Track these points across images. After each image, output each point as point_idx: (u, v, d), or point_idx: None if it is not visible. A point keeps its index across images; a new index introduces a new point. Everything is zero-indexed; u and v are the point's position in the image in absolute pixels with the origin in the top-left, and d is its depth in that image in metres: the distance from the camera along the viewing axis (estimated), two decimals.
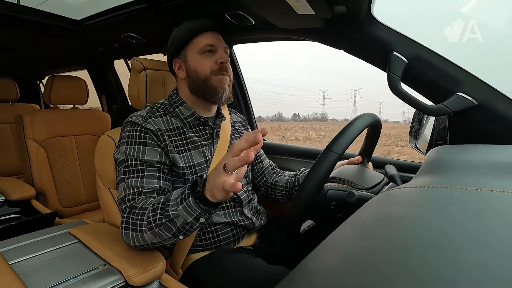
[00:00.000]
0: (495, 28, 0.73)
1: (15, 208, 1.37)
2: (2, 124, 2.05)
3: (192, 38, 0.85)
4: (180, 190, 0.63)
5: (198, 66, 0.84)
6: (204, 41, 0.84)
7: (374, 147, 0.90)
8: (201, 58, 0.84)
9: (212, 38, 0.85)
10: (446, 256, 0.26)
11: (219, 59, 0.83)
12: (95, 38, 1.57)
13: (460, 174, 0.46)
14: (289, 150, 1.43)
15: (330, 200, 0.71)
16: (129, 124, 0.81)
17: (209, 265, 0.80)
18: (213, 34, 0.86)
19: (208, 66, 0.83)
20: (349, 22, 0.76)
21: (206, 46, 0.84)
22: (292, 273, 0.31)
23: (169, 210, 0.62)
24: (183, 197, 0.61)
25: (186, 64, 0.86)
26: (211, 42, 0.84)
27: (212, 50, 0.85)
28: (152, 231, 0.65)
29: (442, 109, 0.67)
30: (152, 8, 1.09)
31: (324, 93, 24.93)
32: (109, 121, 1.78)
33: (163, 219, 0.63)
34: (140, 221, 0.66)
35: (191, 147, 0.84)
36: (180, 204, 0.61)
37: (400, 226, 0.33)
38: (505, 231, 0.29)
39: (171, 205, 0.62)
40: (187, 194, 0.60)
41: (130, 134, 0.79)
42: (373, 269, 0.27)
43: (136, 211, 0.67)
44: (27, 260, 0.70)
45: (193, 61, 0.85)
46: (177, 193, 0.63)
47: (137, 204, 0.69)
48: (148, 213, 0.65)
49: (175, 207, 0.61)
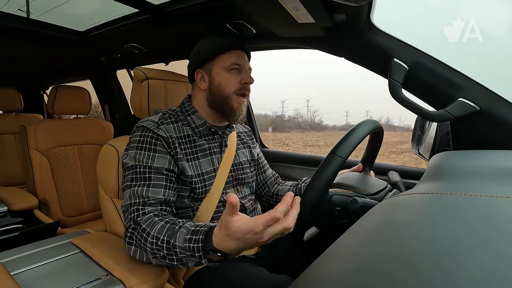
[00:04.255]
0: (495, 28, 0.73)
1: (17, 218, 1.37)
2: (5, 134, 2.06)
3: (221, 54, 0.86)
4: (187, 241, 0.61)
5: (223, 82, 0.85)
6: (232, 59, 0.85)
7: (376, 155, 0.90)
8: (226, 74, 0.85)
9: (240, 57, 0.86)
10: (452, 262, 0.26)
11: (244, 80, 0.84)
12: (99, 48, 1.60)
13: (464, 180, 0.46)
14: (290, 158, 1.43)
15: (334, 205, 0.71)
16: (140, 128, 0.80)
17: (212, 275, 0.79)
18: (240, 53, 0.87)
19: (233, 84, 0.84)
20: (349, 30, 0.77)
21: (233, 64, 0.85)
22: (296, 282, 0.31)
23: (178, 256, 0.62)
24: (194, 255, 0.60)
25: (210, 77, 0.86)
26: (238, 62, 0.85)
27: (238, 69, 0.85)
28: (159, 260, 0.66)
29: (444, 115, 0.67)
30: (154, 18, 1.11)
31: (283, 102, 25.78)
32: (112, 130, 1.79)
33: (174, 261, 0.63)
34: (144, 245, 0.66)
35: (200, 155, 0.84)
36: (192, 258, 0.61)
37: (405, 233, 0.33)
38: (510, 237, 0.29)
39: (180, 252, 0.62)
40: (199, 257, 0.60)
41: (141, 139, 0.78)
42: (378, 277, 0.26)
43: (140, 231, 0.67)
44: (29, 271, 0.69)
45: (218, 76, 0.85)
46: (183, 243, 0.62)
47: (142, 222, 0.68)
48: (151, 244, 0.64)
49: (184, 255, 0.62)
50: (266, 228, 0.54)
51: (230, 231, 0.55)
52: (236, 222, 0.54)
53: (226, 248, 0.57)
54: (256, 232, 0.54)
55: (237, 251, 0.58)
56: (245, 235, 0.54)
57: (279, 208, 0.55)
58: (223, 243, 0.57)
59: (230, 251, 0.58)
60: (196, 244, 0.60)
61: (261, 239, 0.55)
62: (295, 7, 0.66)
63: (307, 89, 51.59)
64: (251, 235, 0.54)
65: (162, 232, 0.64)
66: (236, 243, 0.56)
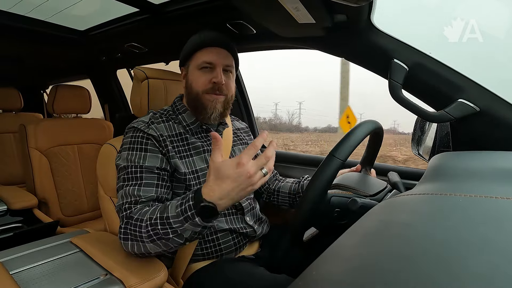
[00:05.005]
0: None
1: (17, 218, 1.37)
2: (5, 133, 2.06)
3: (195, 52, 0.85)
4: (178, 206, 0.63)
5: (194, 81, 0.85)
6: (203, 57, 0.83)
7: (376, 155, 0.90)
8: (198, 73, 0.84)
9: (213, 55, 0.84)
10: (453, 262, 0.26)
11: (214, 79, 0.83)
12: (99, 48, 1.60)
13: (464, 181, 0.46)
14: (290, 158, 1.43)
15: (333, 207, 0.71)
16: (131, 130, 0.81)
17: (211, 274, 0.79)
18: (216, 50, 0.84)
19: (202, 83, 0.83)
20: (349, 31, 0.77)
21: (204, 63, 0.83)
22: (296, 282, 0.31)
23: (173, 226, 0.62)
24: (187, 216, 0.61)
25: (187, 75, 0.87)
26: (210, 60, 0.83)
27: (211, 68, 0.84)
28: (156, 243, 0.65)
29: (444, 115, 0.67)
30: (155, 18, 1.11)
31: (276, 104, 26.33)
32: (112, 130, 1.79)
33: (170, 234, 0.63)
34: (139, 232, 0.66)
35: (193, 153, 0.84)
36: (185, 222, 0.61)
37: (404, 234, 0.33)
38: (510, 238, 0.29)
39: (174, 222, 0.62)
40: (192, 215, 0.60)
41: (132, 140, 0.79)
42: (378, 277, 0.26)
43: (133, 222, 0.67)
44: (28, 270, 0.69)
45: (191, 74, 0.86)
46: (175, 210, 0.62)
47: (134, 214, 0.69)
48: (146, 227, 0.65)
49: (179, 224, 0.62)
50: (249, 158, 0.58)
51: (218, 170, 0.58)
52: (222, 160, 0.59)
53: (218, 193, 0.58)
54: (242, 163, 0.57)
55: (229, 196, 0.59)
56: (233, 171, 0.57)
57: (257, 140, 0.59)
58: (214, 187, 0.59)
59: (222, 199, 0.59)
60: (187, 203, 0.61)
61: (249, 173, 0.57)
62: (295, 7, 0.65)
63: (300, 90, 51.83)
64: (238, 169, 0.57)
65: (155, 212, 0.65)
66: (227, 183, 0.58)
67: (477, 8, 0.75)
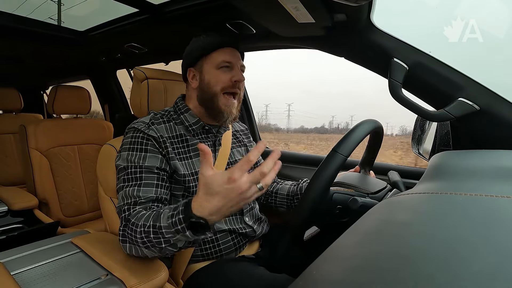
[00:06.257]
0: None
1: (17, 218, 1.37)
2: (5, 134, 2.06)
3: (211, 52, 0.85)
4: (169, 217, 0.60)
5: (212, 80, 0.84)
6: (222, 57, 0.84)
7: (375, 155, 0.90)
8: (216, 72, 0.84)
9: (230, 54, 0.85)
10: (453, 261, 0.26)
11: (234, 77, 0.83)
12: (99, 48, 1.60)
13: (464, 180, 0.46)
14: (290, 157, 1.43)
15: (335, 204, 0.71)
16: (131, 130, 0.81)
17: (211, 275, 0.79)
18: (232, 51, 0.86)
19: (222, 81, 0.84)
20: (349, 30, 0.77)
21: (224, 62, 0.84)
22: (296, 282, 0.31)
23: (165, 236, 0.61)
24: (178, 229, 0.58)
25: (201, 75, 0.86)
26: (229, 59, 0.85)
27: (229, 67, 0.85)
28: (150, 249, 0.65)
29: (444, 114, 0.67)
30: (154, 18, 1.11)
31: (267, 106, 26.65)
32: (112, 130, 1.79)
33: (162, 243, 0.62)
34: (135, 237, 0.65)
35: (193, 155, 0.84)
36: (177, 234, 0.59)
37: (405, 233, 0.33)
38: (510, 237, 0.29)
39: (166, 232, 0.60)
40: (182, 228, 0.57)
41: (132, 141, 0.79)
42: (378, 277, 0.26)
43: (129, 225, 0.67)
44: (29, 271, 0.69)
45: (208, 74, 0.85)
46: (167, 221, 0.60)
47: (131, 217, 0.68)
48: (140, 233, 0.64)
49: (171, 235, 0.60)
50: (242, 173, 0.52)
51: (208, 185, 0.54)
52: (212, 175, 0.54)
53: (208, 210, 0.55)
54: (234, 178, 0.52)
55: (220, 213, 0.55)
56: (224, 186, 0.53)
57: (252, 153, 0.53)
58: (204, 204, 0.55)
59: (212, 215, 0.55)
60: (178, 216, 0.58)
61: (241, 190, 0.52)
62: (295, 7, 0.66)
63: (290, 91, 52.51)
64: (230, 185, 0.52)
65: (149, 219, 0.64)
66: (217, 200, 0.54)
67: (477, 8, 0.75)
